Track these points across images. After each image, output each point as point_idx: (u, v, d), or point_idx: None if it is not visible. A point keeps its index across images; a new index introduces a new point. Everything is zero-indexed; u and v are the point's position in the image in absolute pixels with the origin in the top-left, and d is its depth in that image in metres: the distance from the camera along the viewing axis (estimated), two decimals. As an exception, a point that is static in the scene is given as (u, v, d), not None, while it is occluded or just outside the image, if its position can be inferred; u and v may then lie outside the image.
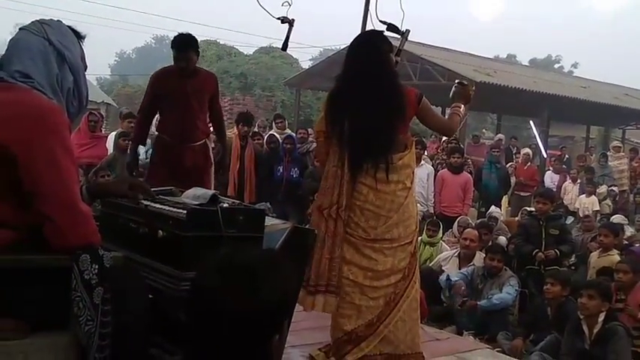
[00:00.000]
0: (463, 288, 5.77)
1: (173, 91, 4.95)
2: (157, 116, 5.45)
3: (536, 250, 6.32)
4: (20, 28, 2.19)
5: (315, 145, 9.10)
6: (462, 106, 3.66)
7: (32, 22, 2.19)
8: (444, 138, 11.27)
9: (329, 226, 3.21)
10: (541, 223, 6.47)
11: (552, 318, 5.20)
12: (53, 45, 2.12)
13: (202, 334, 1.31)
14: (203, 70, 5.27)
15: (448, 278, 5.88)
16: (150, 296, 2.18)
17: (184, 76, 4.93)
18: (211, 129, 5.49)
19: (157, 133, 5.37)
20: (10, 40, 2.16)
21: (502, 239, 7.42)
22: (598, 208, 10.95)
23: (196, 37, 5.09)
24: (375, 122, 3.22)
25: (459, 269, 6.24)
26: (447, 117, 3.77)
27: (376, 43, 3.35)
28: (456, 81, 3.87)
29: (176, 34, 5.05)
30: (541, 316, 5.33)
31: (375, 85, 3.25)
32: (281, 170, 8.29)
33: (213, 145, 5.42)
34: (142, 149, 8.38)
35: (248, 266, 1.30)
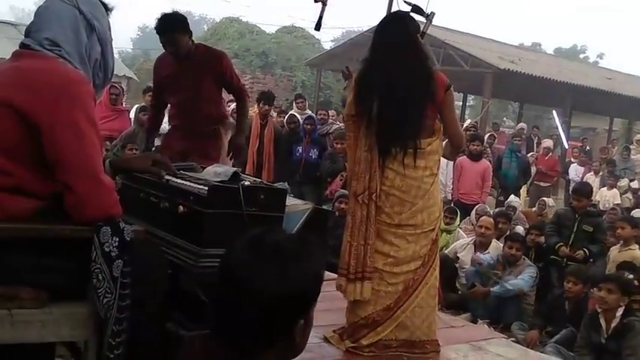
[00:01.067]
0: (487, 290, 5.71)
1: (172, 77, 4.52)
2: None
3: (560, 244, 6.24)
4: (50, -4, 2.17)
5: (335, 126, 9.10)
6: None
7: None
8: (465, 125, 11.17)
9: (363, 212, 3.18)
10: (577, 216, 6.35)
11: (570, 312, 5.15)
12: (83, 14, 2.10)
13: (225, 313, 1.30)
14: (203, 50, 4.58)
15: (476, 266, 5.85)
16: (169, 271, 2.18)
17: (181, 59, 4.42)
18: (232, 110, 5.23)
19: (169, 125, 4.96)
20: (40, 7, 2.15)
21: (519, 229, 7.36)
22: (619, 201, 10.81)
23: (184, 15, 4.56)
24: (404, 106, 3.17)
25: (474, 257, 6.21)
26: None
27: (405, 25, 3.29)
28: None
29: (160, 16, 4.39)
30: (558, 309, 5.28)
31: (405, 68, 3.19)
32: (300, 151, 8.25)
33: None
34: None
35: (279, 246, 1.28)
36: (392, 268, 3.24)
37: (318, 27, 4.27)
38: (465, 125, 11.13)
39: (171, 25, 4.33)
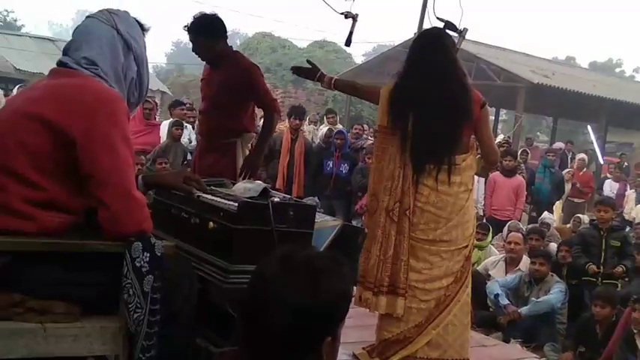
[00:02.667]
0: (516, 310, 5.59)
1: (204, 82, 4.50)
2: None
3: (589, 264, 6.11)
4: (88, 16, 2.22)
5: (369, 142, 9.09)
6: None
7: (100, 10, 2.22)
8: (498, 140, 11.06)
9: (396, 227, 3.17)
10: (602, 233, 6.22)
11: (601, 334, 5.03)
12: (121, 34, 2.15)
13: (254, 328, 1.31)
14: (235, 59, 4.39)
15: (496, 296, 5.73)
16: (199, 287, 2.19)
17: (213, 66, 4.38)
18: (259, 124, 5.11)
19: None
20: (78, 26, 2.20)
21: (553, 246, 7.23)
22: (657, 217, 10.56)
23: (216, 19, 4.30)
24: (441, 123, 3.15)
25: (506, 274, 6.11)
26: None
27: (443, 41, 3.29)
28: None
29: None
30: (589, 331, 5.17)
31: (443, 84, 3.18)
32: (331, 165, 8.27)
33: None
34: (192, 136, 8.53)
35: (310, 263, 1.29)
36: (424, 285, 3.21)
37: (348, 43, 4.24)
38: (497, 141, 11.02)
39: (194, 27, 4.22)
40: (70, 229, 2.02)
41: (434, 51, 3.24)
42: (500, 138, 12.09)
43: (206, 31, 4.22)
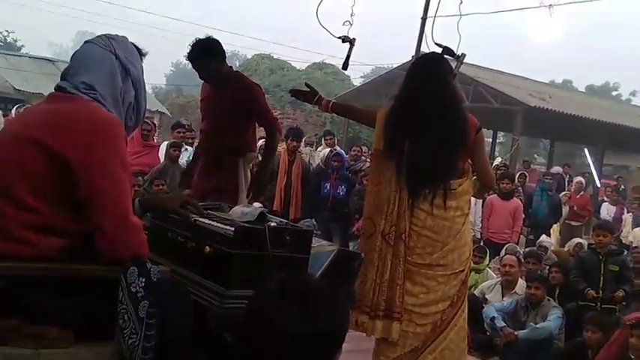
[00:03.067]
0: (512, 332, 5.56)
1: (205, 102, 4.57)
2: None
3: (587, 289, 6.09)
4: (86, 41, 2.24)
5: (367, 164, 9.10)
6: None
7: (98, 36, 2.24)
8: (495, 163, 11.10)
9: (392, 251, 3.17)
10: (600, 257, 6.21)
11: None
12: (119, 59, 2.17)
13: (250, 353, 1.31)
14: (237, 79, 4.49)
15: (492, 319, 5.71)
16: (194, 312, 2.18)
17: (216, 87, 4.42)
18: (259, 145, 5.14)
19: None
20: (77, 51, 2.22)
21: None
22: (655, 241, 10.56)
23: (217, 40, 4.38)
24: (437, 148, 3.17)
25: (502, 297, 6.09)
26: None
27: (441, 66, 3.32)
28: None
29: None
30: (582, 357, 5.14)
31: (440, 109, 3.20)
32: (328, 187, 8.27)
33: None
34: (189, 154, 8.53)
35: (306, 290, 1.30)
36: (421, 309, 3.20)
37: (345, 67, 4.29)
38: (495, 164, 11.06)
39: (200, 53, 4.29)
40: (66, 253, 2.02)
41: (430, 76, 3.27)
42: (497, 161, 12.15)
43: (209, 53, 4.31)
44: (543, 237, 8.93)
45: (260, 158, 5.19)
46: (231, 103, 4.31)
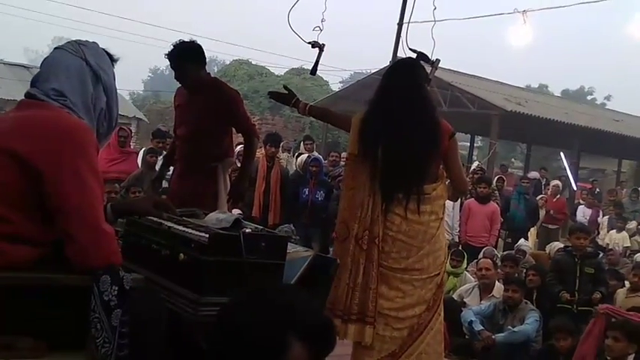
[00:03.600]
0: (490, 336, 5.60)
1: (181, 108, 4.54)
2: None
3: (562, 292, 6.13)
4: (56, 48, 2.22)
5: (345, 169, 9.10)
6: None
7: (69, 42, 2.22)
8: (472, 167, 11.19)
9: (365, 255, 3.17)
10: (576, 260, 6.25)
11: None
12: (90, 65, 2.15)
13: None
14: (214, 85, 4.47)
15: (470, 323, 5.75)
16: (168, 319, 2.16)
17: (192, 92, 4.39)
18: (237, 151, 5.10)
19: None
20: (46, 58, 2.20)
21: (526, 272, 7.28)
22: (629, 244, 10.72)
23: (198, 46, 4.37)
24: (410, 153, 3.19)
25: (480, 300, 6.13)
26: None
27: (415, 72, 3.34)
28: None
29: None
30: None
31: (413, 115, 3.22)
32: (307, 193, 8.26)
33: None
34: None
35: (264, 296, 1.30)
36: (397, 313, 3.21)
37: (314, 72, 4.33)
38: (472, 168, 11.14)
39: (179, 52, 4.27)
40: (37, 262, 2.00)
41: (405, 81, 3.29)
42: (474, 165, 12.22)
43: (191, 56, 4.32)
44: (521, 241, 9.01)
45: (239, 164, 5.16)
46: (209, 109, 4.28)
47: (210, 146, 4.37)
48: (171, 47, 4.31)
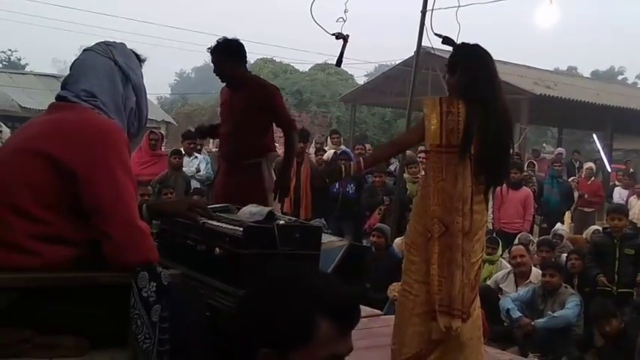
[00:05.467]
0: (529, 322, 5.53)
1: (224, 106, 4.67)
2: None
3: (599, 275, 6.03)
4: (85, 49, 2.24)
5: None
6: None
7: (97, 43, 2.24)
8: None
9: (463, 247, 3.14)
10: (615, 242, 6.10)
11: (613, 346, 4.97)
12: (119, 65, 2.16)
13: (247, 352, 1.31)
14: (255, 82, 4.63)
15: (507, 311, 5.68)
16: (207, 314, 2.18)
17: (233, 89, 4.54)
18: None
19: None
20: (75, 60, 2.22)
21: (565, 257, 7.17)
22: (667, 223, 10.47)
23: (240, 44, 4.50)
24: (501, 143, 3.21)
25: (516, 287, 6.06)
26: None
27: (491, 60, 3.29)
28: None
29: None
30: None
31: (501, 106, 3.22)
32: (337, 186, 8.26)
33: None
34: (202, 165, 8.59)
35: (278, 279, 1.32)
36: None
37: (339, 63, 4.31)
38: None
39: (218, 47, 4.41)
40: (75, 262, 2.02)
41: (487, 71, 3.24)
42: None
43: (229, 52, 4.42)
44: (558, 225, 8.85)
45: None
46: (247, 102, 4.40)
47: (253, 142, 4.46)
48: (215, 42, 4.44)
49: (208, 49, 4.43)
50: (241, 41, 4.49)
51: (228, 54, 4.42)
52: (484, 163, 3.13)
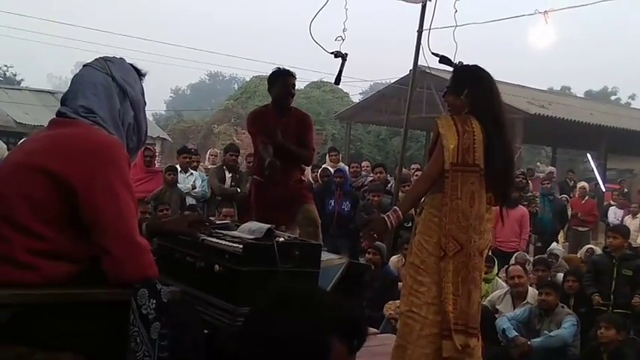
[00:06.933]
0: (526, 342, 5.52)
1: (265, 130, 4.75)
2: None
3: (594, 294, 6.02)
4: (84, 65, 2.25)
5: (369, 178, 9.08)
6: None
7: (96, 59, 2.24)
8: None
9: (479, 266, 3.17)
10: (614, 261, 6.12)
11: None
12: (116, 81, 2.17)
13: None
14: (298, 110, 4.94)
15: (504, 330, 5.66)
16: (206, 331, 2.17)
17: (280, 114, 4.73)
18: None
19: (253, 175, 5.15)
20: (74, 76, 2.22)
21: (560, 276, 7.16)
22: (663, 244, 10.48)
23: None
24: (509, 161, 3.28)
25: (513, 307, 6.04)
26: None
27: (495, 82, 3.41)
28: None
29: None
30: (596, 357, 5.09)
31: (504, 122, 3.29)
32: (332, 204, 8.26)
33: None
34: (198, 182, 8.56)
35: (285, 297, 1.30)
36: None
37: (337, 81, 4.34)
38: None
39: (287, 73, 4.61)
40: (74, 278, 2.01)
41: (493, 90, 3.34)
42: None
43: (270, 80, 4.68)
44: (554, 245, 8.86)
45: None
46: (297, 130, 4.68)
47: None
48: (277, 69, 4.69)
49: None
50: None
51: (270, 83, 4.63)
52: (496, 182, 3.17)
